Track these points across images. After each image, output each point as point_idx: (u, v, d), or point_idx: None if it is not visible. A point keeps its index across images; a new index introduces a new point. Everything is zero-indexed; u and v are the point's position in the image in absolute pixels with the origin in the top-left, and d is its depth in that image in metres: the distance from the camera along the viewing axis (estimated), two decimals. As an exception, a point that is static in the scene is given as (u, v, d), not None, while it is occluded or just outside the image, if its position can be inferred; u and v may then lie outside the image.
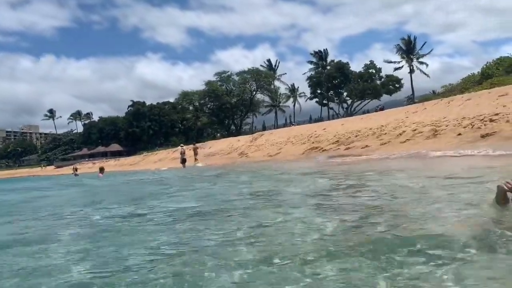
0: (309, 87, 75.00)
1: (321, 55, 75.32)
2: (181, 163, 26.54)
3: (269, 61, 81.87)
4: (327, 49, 77.33)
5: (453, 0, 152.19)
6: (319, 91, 74.19)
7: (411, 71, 66.60)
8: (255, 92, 76.39)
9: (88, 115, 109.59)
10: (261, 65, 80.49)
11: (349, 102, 73.56)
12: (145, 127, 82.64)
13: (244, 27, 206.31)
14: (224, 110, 75.48)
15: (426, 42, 73.90)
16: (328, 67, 73.92)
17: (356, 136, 23.03)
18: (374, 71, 70.42)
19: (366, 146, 19.97)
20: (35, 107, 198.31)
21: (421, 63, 66.49)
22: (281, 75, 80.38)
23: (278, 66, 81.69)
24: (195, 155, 28.60)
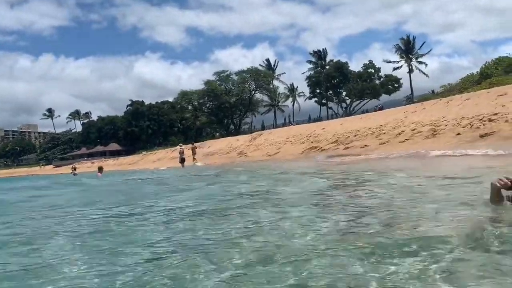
0: (308, 86, 75.13)
1: (320, 55, 75.36)
2: (180, 162, 26.57)
3: (268, 60, 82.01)
4: (326, 48, 77.53)
5: (452, 0, 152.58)
6: (318, 91, 74.21)
7: (410, 70, 66.74)
8: (254, 91, 76.45)
9: (87, 115, 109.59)
10: (260, 65, 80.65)
11: (348, 101, 73.59)
12: (144, 127, 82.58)
13: (243, 26, 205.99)
14: (223, 110, 75.45)
15: (425, 42, 74.41)
16: (327, 66, 73.94)
17: (355, 136, 23.03)
18: (373, 70, 70.45)
19: (365, 146, 19.97)
20: (33, 106, 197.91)
21: (420, 62, 66.66)
22: (280, 74, 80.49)
23: (277, 65, 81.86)
24: (193, 154, 28.70)
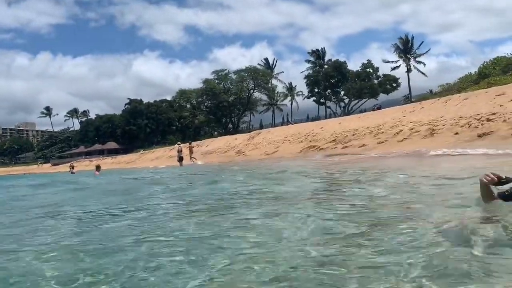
0: (306, 85, 75.09)
1: (319, 54, 75.33)
2: (178, 161, 26.62)
3: (266, 59, 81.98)
4: (324, 48, 77.46)
5: (450, 0, 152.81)
6: (316, 90, 74.19)
7: (408, 70, 66.82)
8: (252, 90, 76.32)
9: (85, 113, 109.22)
10: (259, 64, 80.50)
11: (346, 101, 73.65)
12: (142, 125, 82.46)
13: (241, 25, 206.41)
14: (222, 109, 75.35)
15: (423, 42, 74.46)
16: (325, 66, 73.92)
17: (353, 135, 23.03)
18: (371, 70, 70.50)
19: (363, 145, 19.98)
20: (31, 105, 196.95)
21: (418, 62, 66.80)
22: (279, 73, 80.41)
23: (276, 64, 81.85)
24: (190, 153, 28.78)
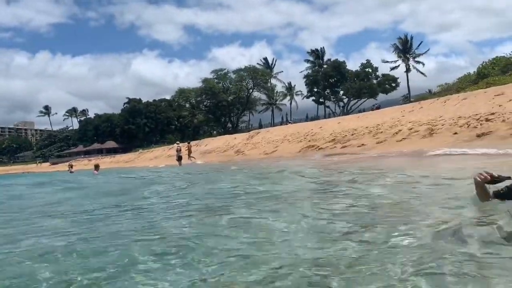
0: (305, 85, 75.06)
1: (318, 54, 75.28)
2: (177, 160, 26.65)
3: (265, 59, 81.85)
4: (324, 47, 77.36)
5: (448, 0, 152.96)
6: (315, 90, 74.16)
7: (407, 70, 66.82)
8: (251, 90, 76.30)
9: (83, 112, 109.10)
10: (258, 63, 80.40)
11: (345, 100, 73.66)
12: (141, 124, 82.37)
13: (240, 25, 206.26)
14: (221, 108, 75.33)
15: (422, 42, 74.49)
16: (324, 65, 73.90)
17: (353, 135, 23.02)
18: (370, 70, 70.51)
19: (363, 145, 19.97)
20: (30, 104, 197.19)
21: (417, 62, 66.76)
22: (278, 73, 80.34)
23: (275, 64, 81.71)
24: (189, 153, 28.81)
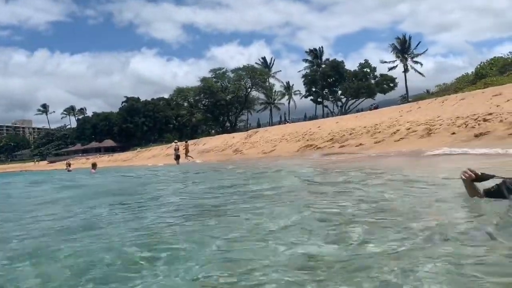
0: (304, 85, 75.02)
1: (316, 53, 75.28)
2: (174, 159, 26.60)
3: (264, 58, 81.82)
4: (322, 47, 77.27)
5: (447, 0, 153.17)
6: (314, 89, 74.16)
7: (405, 70, 66.87)
8: (250, 89, 76.34)
9: (82, 110, 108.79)
10: (256, 63, 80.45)
11: (343, 100, 73.67)
12: (139, 123, 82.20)
13: (239, 24, 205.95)
14: (219, 107, 75.31)
15: (420, 42, 74.39)
16: (323, 65, 73.91)
17: (351, 134, 23.04)
18: (368, 70, 70.55)
19: (361, 144, 19.98)
20: (28, 102, 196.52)
21: (416, 62, 66.80)
22: (276, 72, 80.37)
23: (273, 63, 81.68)
24: (186, 152, 28.83)
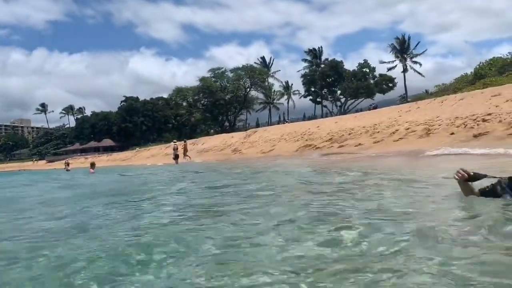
0: (303, 84, 74.94)
1: (316, 53, 75.26)
2: (173, 159, 26.55)
3: (263, 58, 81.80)
4: (321, 47, 77.30)
5: (447, 1, 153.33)
6: (313, 89, 74.13)
7: (404, 70, 66.88)
8: (249, 89, 76.31)
9: (80, 110, 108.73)
10: (255, 63, 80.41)
11: (342, 100, 73.66)
12: (138, 123, 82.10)
13: (238, 24, 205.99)
14: (218, 107, 75.26)
15: (419, 42, 74.34)
16: (322, 65, 73.89)
17: (350, 134, 23.03)
18: (368, 70, 70.54)
19: (360, 144, 19.97)
20: (27, 101, 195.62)
21: (415, 62, 66.80)
22: (275, 72, 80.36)
23: (272, 63, 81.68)
24: (184, 151, 28.79)
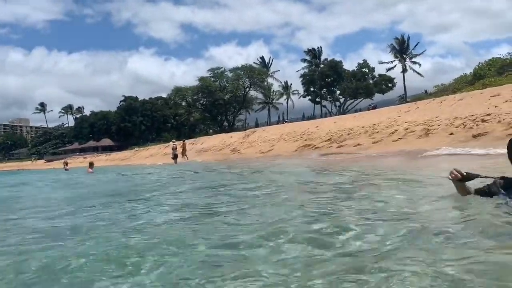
0: (302, 84, 75.01)
1: (315, 53, 75.31)
2: (172, 158, 26.52)
3: (262, 58, 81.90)
4: (321, 47, 77.38)
5: (446, 1, 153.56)
6: (312, 89, 74.17)
7: (403, 70, 66.94)
8: (248, 88, 76.31)
9: (79, 109, 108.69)
10: (255, 63, 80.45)
11: (342, 100, 73.73)
12: (137, 122, 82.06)
13: (238, 24, 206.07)
14: (217, 106, 75.24)
15: (419, 42, 74.56)
16: (321, 65, 73.92)
17: (349, 134, 23.00)
18: (367, 70, 70.60)
19: (359, 145, 19.95)
20: (25, 100, 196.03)
21: (414, 63, 66.90)
22: (274, 72, 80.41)
23: (272, 63, 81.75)
24: (183, 151, 28.82)
